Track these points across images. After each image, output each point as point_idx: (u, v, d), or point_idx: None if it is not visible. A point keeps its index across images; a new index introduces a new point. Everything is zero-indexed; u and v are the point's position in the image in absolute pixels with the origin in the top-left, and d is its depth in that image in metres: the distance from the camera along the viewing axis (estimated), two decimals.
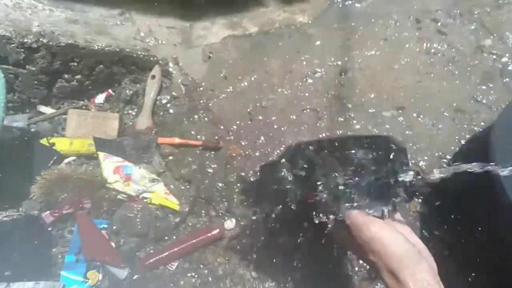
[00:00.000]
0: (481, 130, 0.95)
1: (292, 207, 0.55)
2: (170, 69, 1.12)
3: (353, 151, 0.50)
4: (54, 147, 0.99)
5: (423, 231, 0.86)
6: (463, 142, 0.95)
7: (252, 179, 0.94)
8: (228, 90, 1.07)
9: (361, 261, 0.87)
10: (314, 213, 0.52)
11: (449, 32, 1.10)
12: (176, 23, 1.19)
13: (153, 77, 1.10)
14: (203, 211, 0.97)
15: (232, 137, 1.00)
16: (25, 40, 0.95)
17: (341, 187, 0.50)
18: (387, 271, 0.47)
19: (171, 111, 1.10)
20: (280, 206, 0.57)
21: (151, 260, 0.87)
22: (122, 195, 0.95)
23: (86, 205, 0.92)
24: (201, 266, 0.89)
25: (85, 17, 1.08)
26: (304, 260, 0.87)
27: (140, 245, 0.91)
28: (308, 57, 1.10)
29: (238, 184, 0.95)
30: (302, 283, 0.85)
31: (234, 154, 0.97)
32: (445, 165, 0.92)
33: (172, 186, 0.98)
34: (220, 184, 0.96)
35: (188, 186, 0.98)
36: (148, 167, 0.99)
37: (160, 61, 1.12)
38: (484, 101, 0.99)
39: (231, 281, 0.87)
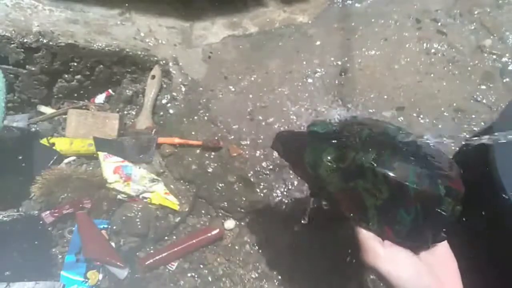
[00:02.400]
0: (481, 130, 0.95)
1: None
2: (170, 69, 1.12)
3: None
4: (54, 147, 0.99)
5: None
6: (463, 142, 0.94)
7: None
8: (228, 90, 1.07)
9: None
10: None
11: (449, 32, 1.10)
12: (176, 23, 1.19)
13: (153, 77, 1.10)
14: (203, 211, 0.97)
15: (232, 137, 1.00)
16: (25, 40, 0.95)
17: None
18: None
19: (171, 111, 1.10)
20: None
21: (151, 260, 0.87)
22: (122, 195, 0.95)
23: (86, 205, 0.92)
24: (201, 266, 0.89)
25: (85, 17, 1.08)
26: (304, 259, 0.87)
27: (140, 245, 0.91)
28: (308, 57, 1.10)
29: (238, 184, 0.95)
30: (302, 283, 0.85)
31: (234, 154, 0.97)
32: None
33: (172, 186, 0.98)
34: (220, 184, 0.96)
35: (188, 186, 0.99)
36: (148, 167, 0.99)
37: (160, 61, 1.12)
38: (484, 101, 0.99)
39: (231, 281, 0.87)
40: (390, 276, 0.44)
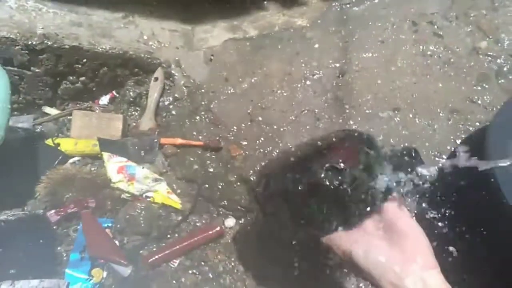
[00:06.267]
0: (476, 130, 0.96)
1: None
2: (173, 71, 1.14)
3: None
4: (59, 148, 1.01)
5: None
6: (458, 142, 0.96)
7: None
8: (229, 91, 1.09)
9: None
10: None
11: (445, 35, 1.12)
12: (178, 27, 1.21)
13: (156, 79, 1.11)
14: (204, 210, 0.99)
15: (232, 138, 1.02)
16: (30, 42, 0.97)
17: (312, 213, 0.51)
18: (374, 285, 0.46)
19: (173, 112, 1.11)
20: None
21: (153, 258, 0.89)
22: (126, 195, 0.96)
23: (91, 204, 0.93)
24: (202, 263, 0.91)
25: (89, 20, 1.09)
26: (304, 258, 0.88)
27: (143, 243, 0.92)
28: (307, 60, 1.12)
29: (238, 184, 0.97)
30: (302, 281, 0.87)
31: (234, 154, 0.99)
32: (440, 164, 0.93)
33: (174, 186, 0.99)
34: (221, 183, 0.98)
35: (190, 186, 1.00)
36: (151, 167, 1.01)
37: (163, 64, 1.13)
38: (479, 101, 1.01)
39: (231, 278, 0.88)
40: (363, 260, 0.46)
